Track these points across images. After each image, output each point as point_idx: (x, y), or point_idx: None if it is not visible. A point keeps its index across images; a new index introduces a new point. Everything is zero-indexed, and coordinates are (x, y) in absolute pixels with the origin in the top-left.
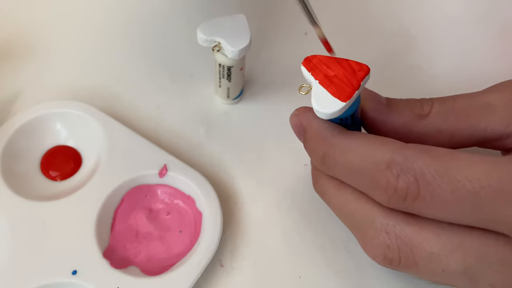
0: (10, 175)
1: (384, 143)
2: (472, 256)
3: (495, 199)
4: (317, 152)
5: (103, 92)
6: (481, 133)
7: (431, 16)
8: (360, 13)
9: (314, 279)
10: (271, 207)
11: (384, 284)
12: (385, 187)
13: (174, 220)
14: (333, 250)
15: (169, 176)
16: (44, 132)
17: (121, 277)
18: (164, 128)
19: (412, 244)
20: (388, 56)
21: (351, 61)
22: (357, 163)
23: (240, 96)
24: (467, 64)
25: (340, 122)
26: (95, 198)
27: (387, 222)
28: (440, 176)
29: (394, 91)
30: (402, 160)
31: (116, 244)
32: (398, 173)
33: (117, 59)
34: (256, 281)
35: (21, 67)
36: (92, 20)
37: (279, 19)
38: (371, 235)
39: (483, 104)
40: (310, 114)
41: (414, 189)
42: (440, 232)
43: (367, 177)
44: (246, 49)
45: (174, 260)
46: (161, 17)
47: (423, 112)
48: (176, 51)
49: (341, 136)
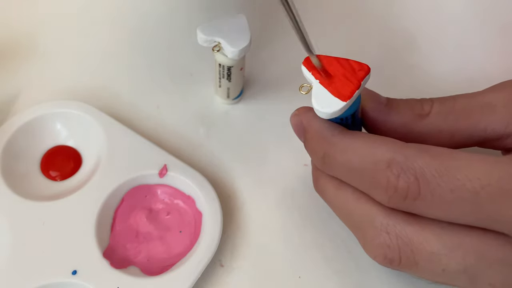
0: (10, 175)
1: (384, 142)
2: (472, 256)
3: (495, 198)
4: (317, 151)
5: (103, 92)
6: (481, 133)
7: (431, 16)
8: (360, 12)
9: (314, 279)
10: (271, 207)
11: (384, 284)
12: (386, 186)
13: (174, 220)
14: (333, 250)
15: (169, 176)
16: (44, 132)
17: (121, 277)
18: (164, 128)
19: (413, 244)
20: (388, 55)
21: (352, 61)
22: (358, 163)
23: (240, 96)
24: (467, 64)
25: (341, 122)
26: (95, 198)
27: (387, 222)
28: (440, 175)
29: (394, 91)
30: (402, 159)
31: (116, 244)
32: (398, 173)
33: (117, 59)
34: (256, 281)
35: (21, 67)
36: (92, 20)
37: (279, 19)
38: (372, 234)
39: (483, 104)
40: (310, 114)
41: (414, 188)
42: (441, 232)
43: (367, 176)
44: (246, 49)
45: (174, 260)
46: (161, 17)
47: (423, 112)
48: (176, 51)
49: (341, 135)
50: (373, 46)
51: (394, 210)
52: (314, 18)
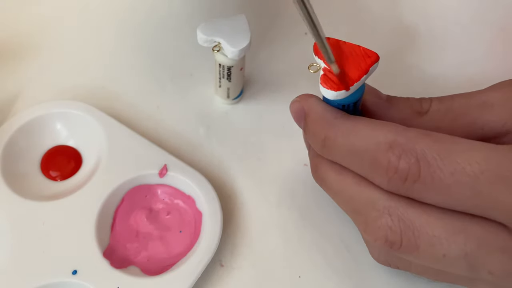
0: (10, 175)
1: (386, 125)
2: (473, 241)
3: (494, 184)
4: (318, 135)
5: (103, 92)
6: (478, 131)
7: (431, 15)
8: (360, 12)
9: (314, 279)
10: (271, 207)
11: (384, 284)
12: (386, 167)
13: (174, 220)
14: (333, 250)
15: (169, 176)
16: (44, 132)
17: (121, 277)
18: (164, 128)
19: (415, 226)
20: (388, 55)
21: (362, 47)
22: (359, 144)
23: (240, 96)
24: (467, 64)
25: (342, 108)
26: (95, 198)
27: (389, 204)
28: (441, 158)
29: (393, 90)
30: (404, 141)
31: (116, 244)
32: (400, 154)
33: (117, 59)
34: (256, 281)
35: (21, 67)
36: (92, 20)
37: (279, 19)
38: (373, 216)
39: (481, 102)
40: (312, 100)
41: (415, 170)
42: (443, 216)
43: (368, 158)
44: (246, 49)
45: (174, 260)
46: (161, 17)
47: (422, 110)
48: (176, 51)
49: (343, 119)
50: (373, 46)
51: (396, 194)
52: None
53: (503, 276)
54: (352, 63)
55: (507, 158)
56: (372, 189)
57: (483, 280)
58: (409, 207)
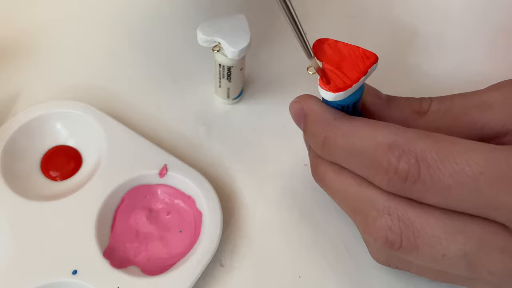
0: (10, 175)
1: (386, 126)
2: (473, 242)
3: (494, 185)
4: (318, 135)
5: (103, 92)
6: (478, 131)
7: (430, 15)
8: (360, 13)
9: (314, 279)
10: (271, 207)
11: (384, 284)
12: (386, 168)
13: (174, 220)
14: (333, 250)
15: (169, 176)
16: (44, 132)
17: (121, 277)
18: (164, 128)
19: (414, 226)
20: (388, 55)
21: (362, 48)
22: (359, 145)
23: (240, 96)
24: (467, 64)
25: (342, 109)
26: (95, 198)
27: (389, 204)
28: (440, 159)
29: (393, 90)
30: (404, 142)
31: (116, 244)
32: (399, 154)
33: (117, 59)
34: (256, 281)
35: (21, 67)
36: (92, 20)
37: (279, 19)
38: (373, 216)
39: (480, 102)
40: (312, 100)
41: (414, 170)
42: (443, 216)
43: (368, 159)
44: (246, 49)
45: (174, 260)
46: (161, 17)
47: (422, 110)
48: (176, 51)
49: (343, 119)
50: (373, 46)
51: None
52: (314, 18)
53: (503, 276)
54: (351, 64)
55: (506, 158)
56: (372, 190)
57: (483, 280)
58: (409, 208)
